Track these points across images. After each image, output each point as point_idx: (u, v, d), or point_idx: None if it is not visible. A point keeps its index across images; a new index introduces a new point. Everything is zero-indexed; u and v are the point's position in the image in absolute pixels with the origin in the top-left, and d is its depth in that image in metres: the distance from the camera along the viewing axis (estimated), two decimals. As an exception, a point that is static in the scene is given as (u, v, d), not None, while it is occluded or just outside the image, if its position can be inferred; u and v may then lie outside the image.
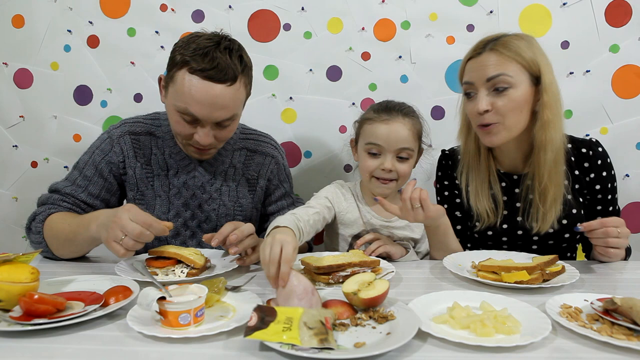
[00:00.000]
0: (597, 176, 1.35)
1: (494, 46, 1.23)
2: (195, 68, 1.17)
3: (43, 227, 1.27)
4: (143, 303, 0.83)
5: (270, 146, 1.51)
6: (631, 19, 1.70)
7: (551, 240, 1.36)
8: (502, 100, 1.22)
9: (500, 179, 1.38)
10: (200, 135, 1.25)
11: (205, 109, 1.20)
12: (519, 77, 1.22)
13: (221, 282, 1.00)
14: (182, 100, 1.20)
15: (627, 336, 0.79)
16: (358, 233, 1.42)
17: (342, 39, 1.78)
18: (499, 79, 1.21)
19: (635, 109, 1.74)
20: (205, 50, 1.18)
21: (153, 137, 1.41)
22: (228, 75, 1.19)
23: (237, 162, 1.45)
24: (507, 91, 1.22)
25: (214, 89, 1.19)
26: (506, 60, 1.22)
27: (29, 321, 0.82)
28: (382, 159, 1.35)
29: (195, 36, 1.23)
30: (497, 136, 1.26)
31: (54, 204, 1.32)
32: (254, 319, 0.79)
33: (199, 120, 1.23)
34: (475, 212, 1.36)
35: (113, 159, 1.37)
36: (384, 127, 1.34)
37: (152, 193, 1.39)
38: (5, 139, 1.90)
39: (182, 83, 1.19)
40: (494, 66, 1.22)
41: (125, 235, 1.05)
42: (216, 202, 1.42)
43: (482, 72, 1.23)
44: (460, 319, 0.85)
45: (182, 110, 1.21)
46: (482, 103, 1.23)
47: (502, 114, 1.23)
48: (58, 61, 1.84)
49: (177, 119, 1.24)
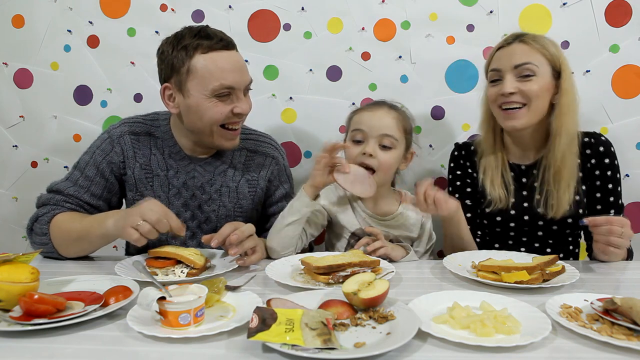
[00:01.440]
0: (598, 162, 1.42)
1: (524, 38, 1.35)
2: (206, 46, 1.23)
3: (49, 227, 1.27)
4: (143, 303, 0.83)
5: (271, 147, 1.50)
6: (631, 19, 1.70)
7: (555, 226, 1.40)
8: (526, 86, 1.33)
9: (511, 169, 1.47)
10: (241, 104, 1.30)
11: (237, 73, 1.27)
12: (543, 68, 1.33)
13: (221, 282, 1.00)
14: (214, 79, 1.24)
15: (627, 336, 0.79)
16: (354, 231, 1.42)
17: (342, 39, 1.78)
18: (525, 66, 1.33)
19: (635, 109, 1.74)
20: (202, 32, 1.25)
21: (152, 137, 1.41)
22: (231, 42, 1.30)
23: (237, 163, 1.45)
24: (532, 78, 1.33)
25: (232, 55, 1.28)
26: (533, 51, 1.33)
27: (29, 321, 0.82)
28: (364, 145, 1.36)
29: (177, 34, 1.28)
30: (520, 120, 1.35)
31: (57, 205, 1.32)
32: (255, 320, 0.79)
33: (232, 92, 1.28)
34: (490, 197, 1.44)
35: (114, 159, 1.38)
36: (368, 114, 1.39)
37: (152, 193, 1.39)
38: (5, 139, 1.90)
39: (204, 65, 1.23)
40: (522, 55, 1.33)
41: (143, 220, 1.08)
42: (216, 203, 1.42)
43: (511, 59, 1.35)
44: (460, 319, 0.85)
45: (217, 89, 1.25)
46: (508, 85, 1.34)
47: (527, 98, 1.33)
48: (58, 61, 1.84)
49: (213, 104, 1.27)
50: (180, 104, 1.30)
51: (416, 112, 1.78)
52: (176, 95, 1.29)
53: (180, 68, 1.25)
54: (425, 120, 1.80)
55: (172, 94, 1.30)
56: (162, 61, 1.29)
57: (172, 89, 1.29)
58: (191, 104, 1.27)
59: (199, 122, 1.29)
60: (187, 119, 1.32)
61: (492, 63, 1.41)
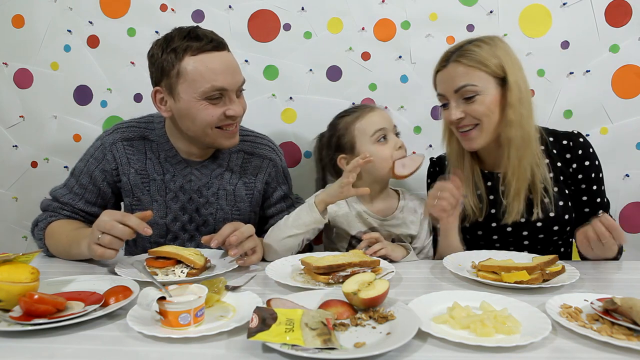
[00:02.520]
0: (580, 166, 1.37)
1: (457, 58, 1.28)
2: (196, 47, 1.21)
3: (44, 234, 1.32)
4: (143, 303, 0.83)
5: (268, 148, 1.49)
6: (631, 19, 1.70)
7: (541, 235, 1.37)
8: (471, 108, 1.28)
9: (486, 179, 1.42)
10: (233, 107, 1.27)
11: (228, 75, 1.25)
12: (484, 84, 1.27)
13: (221, 282, 1.00)
14: (205, 81, 1.22)
15: (627, 336, 0.79)
16: (355, 233, 1.42)
17: (342, 39, 1.78)
18: (465, 89, 1.27)
19: (635, 109, 1.74)
20: (192, 33, 1.23)
21: (147, 141, 1.40)
22: (222, 43, 1.27)
23: (234, 166, 1.44)
24: (475, 98, 1.28)
25: (223, 56, 1.25)
26: (470, 70, 1.27)
27: (29, 321, 0.82)
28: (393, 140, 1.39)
29: (166, 36, 1.26)
30: (476, 141, 1.32)
31: (54, 212, 1.36)
32: (255, 320, 0.79)
33: (224, 94, 1.25)
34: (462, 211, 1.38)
35: (106, 167, 1.38)
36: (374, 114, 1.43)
37: (149, 198, 1.39)
38: (5, 139, 1.90)
39: (195, 67, 1.21)
40: (459, 77, 1.28)
41: (102, 233, 1.08)
42: (213, 206, 1.41)
43: (450, 84, 1.30)
44: (460, 319, 0.85)
45: (208, 91, 1.23)
46: (454, 113, 1.30)
47: (476, 118, 1.29)
48: (58, 61, 1.84)
49: (204, 106, 1.24)
50: (172, 107, 1.28)
51: (416, 112, 1.79)
52: (167, 99, 1.27)
53: (170, 71, 1.23)
54: (425, 120, 1.80)
55: (163, 97, 1.28)
56: (152, 64, 1.27)
57: (163, 92, 1.27)
58: (182, 108, 1.25)
59: (192, 125, 1.27)
60: (180, 123, 1.30)
61: (437, 87, 1.36)
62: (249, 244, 1.19)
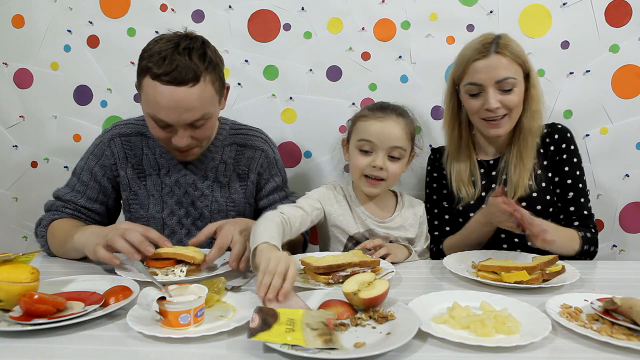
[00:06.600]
0: (559, 150, 1.46)
1: (499, 49, 1.34)
2: (156, 73, 1.18)
3: (46, 232, 1.34)
4: (143, 303, 0.83)
5: (260, 140, 1.50)
6: (631, 19, 1.70)
7: None
8: (508, 98, 1.35)
9: (480, 166, 1.50)
10: (176, 139, 1.26)
11: (173, 113, 1.21)
12: (519, 77, 1.37)
13: (221, 282, 1.00)
14: (150, 107, 1.22)
15: (627, 336, 0.79)
16: (353, 235, 1.42)
17: (342, 39, 1.78)
18: (507, 81, 1.34)
19: (635, 109, 1.74)
20: (164, 54, 1.19)
21: (144, 137, 1.43)
22: (188, 76, 1.18)
23: (228, 158, 1.46)
24: (513, 90, 1.35)
25: (177, 92, 1.19)
26: (511, 63, 1.34)
27: (29, 321, 0.82)
28: (373, 157, 1.35)
29: (157, 39, 1.24)
30: (504, 128, 1.39)
31: (57, 211, 1.39)
32: (255, 320, 0.79)
33: (171, 125, 1.24)
34: (457, 195, 1.47)
35: (105, 162, 1.41)
36: (377, 124, 1.35)
37: (145, 192, 1.43)
38: (5, 139, 1.89)
39: (147, 91, 1.21)
40: (503, 69, 1.33)
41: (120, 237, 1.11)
42: (208, 198, 1.44)
43: (492, 74, 1.34)
44: (460, 319, 0.85)
45: (152, 117, 1.24)
46: (493, 101, 1.34)
47: (509, 108, 1.37)
48: (58, 61, 1.84)
49: (152, 124, 1.27)
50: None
51: (416, 112, 1.77)
52: None
53: (138, 76, 1.25)
54: (425, 120, 1.80)
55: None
56: (139, 57, 1.27)
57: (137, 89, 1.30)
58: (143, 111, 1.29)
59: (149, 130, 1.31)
60: None
61: (469, 75, 1.37)
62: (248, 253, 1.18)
